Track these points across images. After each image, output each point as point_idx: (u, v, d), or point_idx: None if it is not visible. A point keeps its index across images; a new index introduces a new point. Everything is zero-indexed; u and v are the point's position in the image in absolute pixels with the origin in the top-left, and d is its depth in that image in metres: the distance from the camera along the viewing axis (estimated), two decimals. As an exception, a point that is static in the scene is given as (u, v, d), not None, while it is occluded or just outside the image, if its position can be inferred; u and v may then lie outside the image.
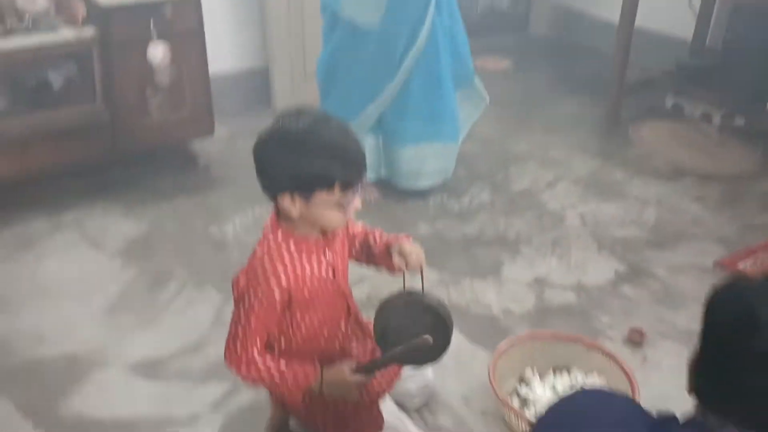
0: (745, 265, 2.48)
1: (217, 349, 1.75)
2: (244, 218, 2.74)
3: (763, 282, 0.90)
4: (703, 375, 0.91)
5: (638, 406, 1.00)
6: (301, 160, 1.38)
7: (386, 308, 1.53)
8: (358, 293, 1.96)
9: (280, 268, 1.46)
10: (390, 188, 2.91)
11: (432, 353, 1.53)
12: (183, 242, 2.61)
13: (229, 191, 2.92)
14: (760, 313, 0.84)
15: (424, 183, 2.88)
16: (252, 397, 1.92)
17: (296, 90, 3.53)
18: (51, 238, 2.60)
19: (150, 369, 2.03)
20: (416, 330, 1.49)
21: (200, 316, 2.23)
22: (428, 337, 1.49)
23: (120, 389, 1.97)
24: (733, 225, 2.77)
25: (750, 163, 3.28)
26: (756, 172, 3.20)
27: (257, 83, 3.60)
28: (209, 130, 2.91)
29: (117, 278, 2.40)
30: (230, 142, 3.27)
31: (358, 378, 1.54)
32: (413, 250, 1.54)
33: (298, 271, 1.48)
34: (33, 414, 1.87)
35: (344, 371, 1.53)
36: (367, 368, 1.55)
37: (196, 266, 2.46)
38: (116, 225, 2.69)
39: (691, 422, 0.92)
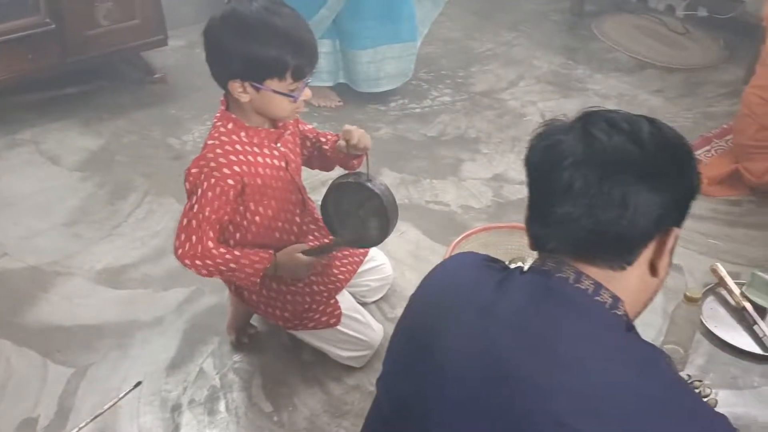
0: (701, 153, 2.52)
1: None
2: (202, 128, 2.71)
3: (565, 121, 0.94)
4: (532, 222, 0.96)
5: (491, 261, 1.03)
6: (254, 46, 1.36)
7: (332, 190, 1.56)
8: (319, 197, 1.97)
9: (232, 156, 1.47)
10: (350, 93, 2.88)
11: (377, 237, 1.58)
12: (142, 154, 2.59)
13: (187, 102, 2.88)
14: (562, 147, 0.89)
15: (384, 86, 2.85)
16: (214, 299, 1.97)
17: (252, -4, 3.42)
18: (7, 156, 2.56)
19: (113, 277, 2.06)
20: (360, 212, 1.54)
21: (161, 225, 2.24)
22: (375, 232, 1.55)
23: (85, 297, 2.00)
24: (690, 114, 2.79)
25: (712, 52, 3.27)
26: (717, 61, 3.20)
27: (212, -9, 3.48)
28: (162, 40, 2.83)
29: (76, 192, 2.39)
30: (186, 54, 3.19)
31: (308, 259, 1.59)
32: (357, 129, 1.54)
33: (251, 158, 1.49)
34: (-1, 324, 1.91)
35: (296, 250, 1.59)
36: (316, 251, 1.62)
37: (155, 177, 2.46)
38: (74, 140, 2.66)
39: (531, 269, 0.97)
